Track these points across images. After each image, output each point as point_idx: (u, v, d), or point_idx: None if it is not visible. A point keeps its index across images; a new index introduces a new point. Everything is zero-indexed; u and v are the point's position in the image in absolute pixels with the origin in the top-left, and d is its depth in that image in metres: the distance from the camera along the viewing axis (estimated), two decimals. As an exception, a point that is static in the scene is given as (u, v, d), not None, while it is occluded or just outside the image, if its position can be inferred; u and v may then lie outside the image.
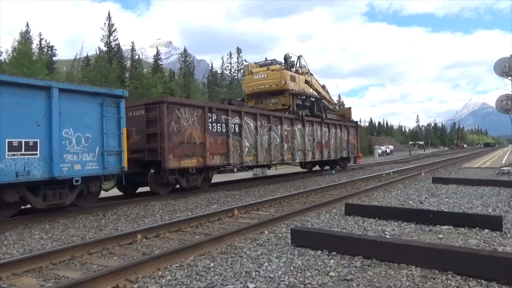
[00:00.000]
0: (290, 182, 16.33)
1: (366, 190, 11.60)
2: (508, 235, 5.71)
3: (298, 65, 19.73)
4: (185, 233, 6.83)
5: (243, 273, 4.28)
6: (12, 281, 4.45)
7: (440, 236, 5.77)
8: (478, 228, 6.05)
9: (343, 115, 23.19)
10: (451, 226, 6.24)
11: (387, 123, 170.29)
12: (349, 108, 25.63)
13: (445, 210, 7.75)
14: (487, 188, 11.08)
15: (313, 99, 19.91)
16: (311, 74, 20.34)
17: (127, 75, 48.27)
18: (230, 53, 70.46)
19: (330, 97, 23.42)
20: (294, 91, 17.66)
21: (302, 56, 20.25)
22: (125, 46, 66.02)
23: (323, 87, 22.04)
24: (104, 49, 48.76)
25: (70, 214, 8.85)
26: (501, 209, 7.78)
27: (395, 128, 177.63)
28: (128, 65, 52.87)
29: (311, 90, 19.96)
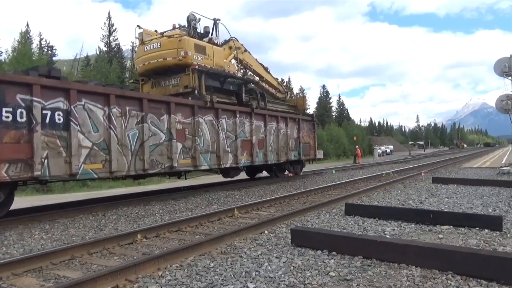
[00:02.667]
0: (290, 182, 16.32)
1: (366, 190, 11.60)
2: (508, 235, 5.71)
3: (214, 34, 14.38)
4: (185, 233, 6.83)
5: (243, 273, 4.28)
6: (12, 281, 4.45)
7: (440, 236, 5.77)
8: (478, 228, 6.05)
9: (295, 106, 18.75)
10: (451, 226, 6.24)
11: (387, 123, 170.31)
12: (303, 97, 20.75)
13: (445, 210, 7.75)
14: (487, 188, 11.08)
15: (241, 82, 14.75)
16: (247, 51, 16.00)
17: (127, 75, 48.28)
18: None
19: (279, 83, 18.95)
20: (202, 68, 12.63)
21: (219, 20, 14.73)
22: (125, 46, 65.95)
23: (266, 69, 17.65)
24: (104, 49, 48.76)
25: (70, 214, 8.86)
26: (501, 209, 7.78)
27: (395, 128, 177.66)
28: (128, 65, 52.87)
29: (246, 71, 16.33)
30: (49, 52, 46.75)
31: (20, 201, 10.93)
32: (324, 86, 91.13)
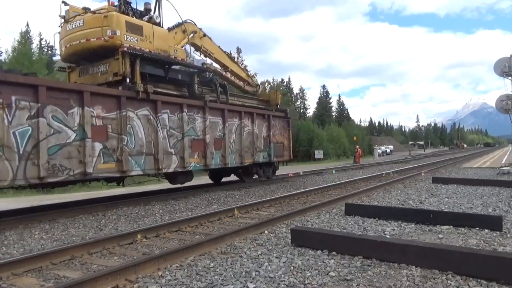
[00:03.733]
0: (290, 182, 16.32)
1: (366, 190, 11.60)
2: (508, 235, 5.71)
3: (157, 12, 11.96)
4: (185, 233, 6.83)
5: (243, 273, 4.28)
6: (12, 281, 4.45)
7: (440, 236, 5.77)
8: (478, 228, 6.05)
9: (267, 101, 16.61)
10: (451, 226, 6.24)
11: (387, 123, 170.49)
12: (276, 91, 18.07)
13: (445, 210, 7.75)
14: (487, 188, 11.08)
15: (193, 71, 12.66)
16: (206, 36, 13.78)
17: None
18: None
19: (248, 75, 16.58)
20: (136, 51, 10.18)
21: None
22: (125, 46, 65.82)
23: (232, 58, 15.74)
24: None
25: (70, 214, 8.86)
26: (501, 209, 7.78)
27: (395, 128, 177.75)
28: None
29: (204, 59, 13.99)
30: (49, 52, 46.72)
31: (20, 201, 10.93)
32: (324, 86, 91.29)
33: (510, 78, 17.37)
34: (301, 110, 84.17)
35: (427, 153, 64.27)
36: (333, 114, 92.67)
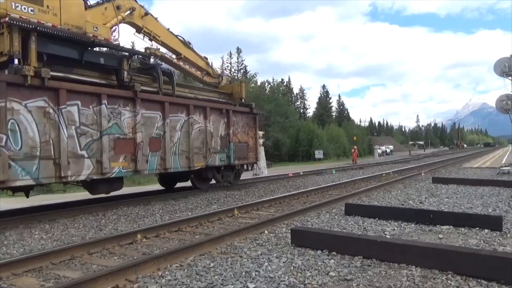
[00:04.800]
0: (290, 182, 16.32)
1: (366, 190, 11.60)
2: (508, 235, 5.71)
3: None
4: (185, 233, 6.83)
5: (243, 273, 4.28)
6: (12, 281, 4.45)
7: (440, 236, 5.77)
8: (478, 228, 6.06)
9: (230, 94, 14.64)
10: (451, 226, 6.25)
11: (387, 123, 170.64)
12: (240, 83, 15.68)
13: (445, 210, 7.75)
14: (487, 188, 11.08)
15: (121, 55, 10.40)
16: (149, 15, 11.68)
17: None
18: (230, 53, 70.49)
19: (207, 64, 14.32)
20: (30, 24, 8.04)
21: None
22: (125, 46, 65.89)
23: (187, 43, 13.18)
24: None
25: (70, 214, 8.86)
26: (501, 209, 7.78)
27: (395, 128, 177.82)
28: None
29: (155, 46, 11.88)
30: None
31: (20, 201, 10.93)
32: (324, 86, 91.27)
33: (510, 78, 17.37)
34: (301, 110, 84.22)
35: (427, 153, 64.27)
36: (333, 114, 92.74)
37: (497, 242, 5.28)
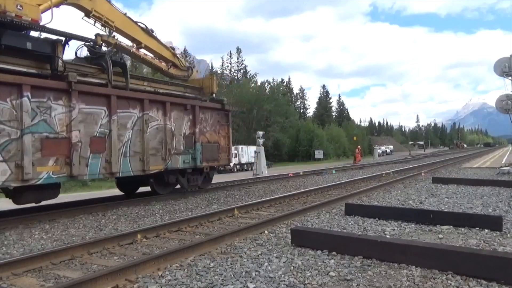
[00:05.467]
0: (290, 182, 16.33)
1: (366, 190, 11.60)
2: (508, 235, 5.71)
3: None
4: (185, 233, 6.83)
5: (243, 273, 4.28)
6: (12, 281, 4.45)
7: (440, 236, 5.77)
8: (478, 228, 6.05)
9: (200, 89, 13.37)
10: (451, 226, 6.25)
11: (387, 123, 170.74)
12: (211, 77, 14.34)
13: (445, 210, 7.75)
14: (487, 188, 11.08)
15: (53, 40, 8.99)
16: None
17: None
18: (230, 53, 70.61)
19: (174, 55, 12.85)
20: None
21: None
22: (125, 46, 65.97)
23: (148, 31, 11.65)
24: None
25: (70, 214, 8.86)
26: (501, 209, 7.78)
27: (395, 128, 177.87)
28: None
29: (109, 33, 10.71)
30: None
31: (20, 201, 10.93)
32: (324, 86, 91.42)
33: (510, 78, 17.37)
34: (301, 110, 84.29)
35: (427, 153, 64.30)
36: (333, 114, 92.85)
37: (497, 242, 5.28)
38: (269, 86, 65.76)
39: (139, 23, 11.44)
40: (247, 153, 40.81)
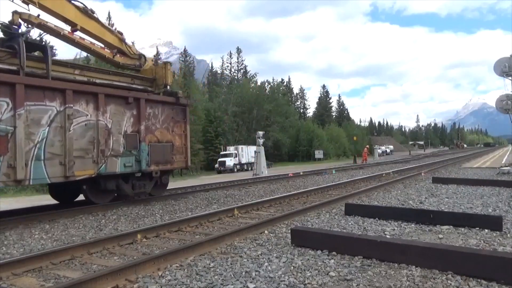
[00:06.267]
0: (290, 182, 16.32)
1: (366, 190, 11.60)
2: (508, 235, 5.71)
3: None
4: (185, 233, 6.83)
5: (243, 273, 4.28)
6: (12, 281, 4.45)
7: (440, 236, 5.77)
8: (478, 228, 6.05)
9: (153, 80, 11.65)
10: (451, 226, 6.24)
11: (387, 123, 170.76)
12: (164, 65, 11.96)
13: (445, 210, 7.75)
14: (487, 188, 11.08)
15: None
16: None
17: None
18: (230, 53, 70.66)
19: (121, 41, 11.13)
20: None
21: None
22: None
23: (88, 11, 10.10)
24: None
25: (70, 214, 8.86)
26: (501, 209, 7.78)
27: (395, 128, 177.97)
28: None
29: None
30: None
31: (20, 201, 10.93)
32: (324, 86, 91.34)
33: (510, 78, 17.37)
34: (301, 110, 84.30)
35: (427, 153, 64.28)
36: (333, 114, 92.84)
37: (497, 242, 5.28)
38: (269, 86, 65.78)
39: (73, 1, 9.78)
40: (247, 153, 40.85)
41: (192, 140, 39.85)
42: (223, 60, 71.52)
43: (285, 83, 78.82)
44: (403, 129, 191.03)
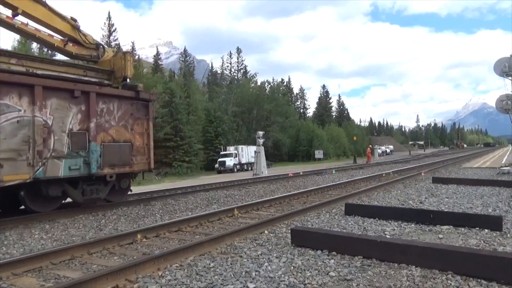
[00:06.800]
0: (290, 182, 16.32)
1: (366, 190, 11.60)
2: (508, 235, 5.71)
3: None
4: (185, 233, 6.83)
5: (243, 273, 4.28)
6: (12, 281, 4.45)
7: (440, 236, 5.77)
8: (478, 228, 6.05)
9: (109, 72, 10.46)
10: (451, 226, 6.24)
11: (387, 123, 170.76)
12: (123, 55, 10.60)
13: (445, 210, 7.75)
14: (487, 188, 11.07)
15: None
16: None
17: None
18: (230, 53, 70.66)
19: (74, 29, 10.02)
20: None
21: None
22: (125, 46, 66.11)
23: None
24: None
25: (70, 214, 8.86)
26: (501, 209, 7.78)
27: (395, 128, 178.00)
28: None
29: None
30: (49, 52, 46.76)
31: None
32: (324, 86, 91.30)
33: (510, 78, 17.37)
34: (301, 110, 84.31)
35: (427, 153, 64.28)
36: (333, 114, 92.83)
37: (497, 242, 5.28)
38: (269, 86, 65.79)
39: None
40: (247, 153, 40.87)
41: (192, 140, 39.97)
42: (223, 60, 71.55)
43: (285, 83, 78.85)
44: (403, 129, 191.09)
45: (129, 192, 10.87)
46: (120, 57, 10.54)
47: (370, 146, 44.13)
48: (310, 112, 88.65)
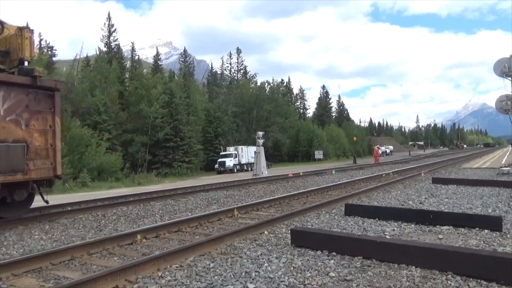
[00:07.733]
0: (290, 182, 16.32)
1: (366, 190, 11.60)
2: (508, 235, 5.71)
3: None
4: (185, 233, 6.83)
5: (243, 274, 4.28)
6: (12, 281, 4.45)
7: (440, 236, 5.77)
8: (478, 229, 6.05)
9: (4, 53, 8.48)
10: (451, 227, 6.24)
11: (387, 123, 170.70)
12: (21, 32, 8.40)
13: (445, 211, 7.75)
14: (487, 189, 11.07)
15: None
16: None
17: (127, 76, 48.33)
18: (230, 53, 70.63)
19: None
20: None
21: None
22: (125, 47, 66.05)
23: None
24: (104, 49, 48.77)
25: (70, 214, 8.86)
26: (501, 210, 7.78)
27: (395, 128, 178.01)
28: (128, 65, 52.89)
29: None
30: (49, 52, 46.76)
31: (20, 202, 10.92)
32: (324, 87, 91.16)
33: (510, 78, 17.37)
34: (301, 111, 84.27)
35: (427, 154, 64.29)
36: (333, 114, 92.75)
37: (497, 243, 5.28)
38: (269, 86, 65.73)
39: None
40: (247, 153, 40.87)
41: (192, 141, 39.98)
42: (223, 61, 71.49)
43: (285, 84, 78.76)
44: (403, 130, 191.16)
45: (34, 206, 8.57)
46: (16, 35, 8.39)
47: (378, 146, 44.37)
48: (310, 112, 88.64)
